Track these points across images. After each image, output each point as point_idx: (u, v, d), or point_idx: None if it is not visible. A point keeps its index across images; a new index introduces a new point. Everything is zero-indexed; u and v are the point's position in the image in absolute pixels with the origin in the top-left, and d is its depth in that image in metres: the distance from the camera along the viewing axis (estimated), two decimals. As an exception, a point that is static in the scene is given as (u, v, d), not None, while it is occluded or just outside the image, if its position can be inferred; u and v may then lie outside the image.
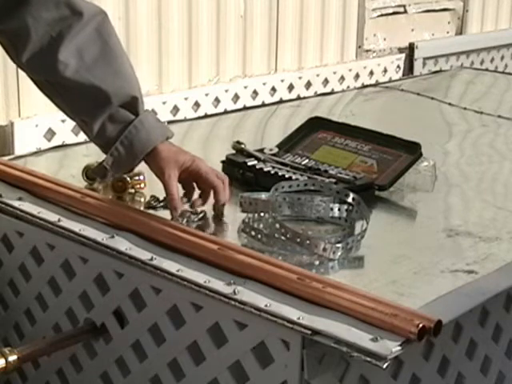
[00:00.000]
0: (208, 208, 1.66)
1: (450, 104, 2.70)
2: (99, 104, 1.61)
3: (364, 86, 3.28)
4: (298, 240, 1.51)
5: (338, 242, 1.52)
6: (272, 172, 1.79)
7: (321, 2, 4.14)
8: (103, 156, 1.64)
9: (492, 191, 1.96)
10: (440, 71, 3.77)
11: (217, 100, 3.71)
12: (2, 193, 1.70)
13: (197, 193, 1.68)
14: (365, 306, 1.25)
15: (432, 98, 2.75)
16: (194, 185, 1.68)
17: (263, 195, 1.63)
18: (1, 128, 3.01)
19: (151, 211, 1.65)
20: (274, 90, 3.96)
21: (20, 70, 1.69)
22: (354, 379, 1.30)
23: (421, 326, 1.19)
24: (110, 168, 1.63)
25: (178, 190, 1.63)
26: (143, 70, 3.45)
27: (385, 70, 4.52)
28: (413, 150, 1.88)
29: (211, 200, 1.65)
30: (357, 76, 4.35)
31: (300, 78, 4.08)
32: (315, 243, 1.49)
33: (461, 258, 1.52)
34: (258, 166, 1.82)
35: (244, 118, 2.57)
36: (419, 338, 1.19)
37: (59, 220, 1.58)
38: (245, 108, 3.25)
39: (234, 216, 1.66)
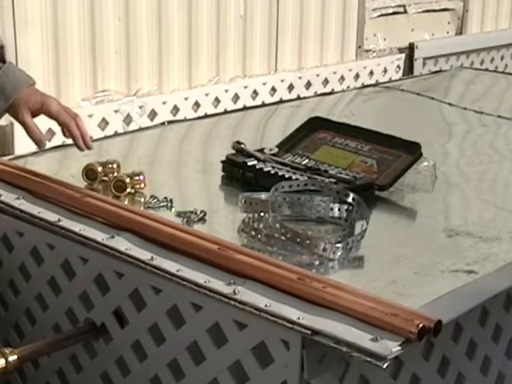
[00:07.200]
0: (208, 208, 1.66)
1: (450, 104, 2.70)
2: None
3: (364, 86, 3.28)
4: (298, 240, 1.51)
5: (338, 242, 1.52)
6: (272, 172, 1.79)
7: (321, 2, 4.14)
8: (103, 156, 1.64)
9: (492, 191, 1.96)
10: (440, 71, 3.76)
11: (217, 100, 3.71)
12: (1, 193, 1.70)
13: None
14: (365, 306, 1.25)
15: (432, 98, 2.75)
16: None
17: (263, 195, 1.63)
18: (1, 128, 3.01)
19: (151, 211, 1.65)
20: (274, 89, 3.96)
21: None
22: (354, 379, 1.30)
23: (421, 326, 1.19)
24: None
25: (36, 125, 1.72)
26: (143, 70, 3.45)
27: (385, 70, 4.52)
28: (413, 150, 1.88)
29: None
30: (357, 76, 4.35)
31: (300, 77, 4.07)
32: (315, 243, 1.49)
33: (461, 258, 1.52)
34: (258, 166, 1.82)
35: (244, 117, 2.57)
36: (419, 338, 1.19)
37: (59, 220, 1.58)
38: (245, 108, 3.25)
39: (233, 216, 1.66)
